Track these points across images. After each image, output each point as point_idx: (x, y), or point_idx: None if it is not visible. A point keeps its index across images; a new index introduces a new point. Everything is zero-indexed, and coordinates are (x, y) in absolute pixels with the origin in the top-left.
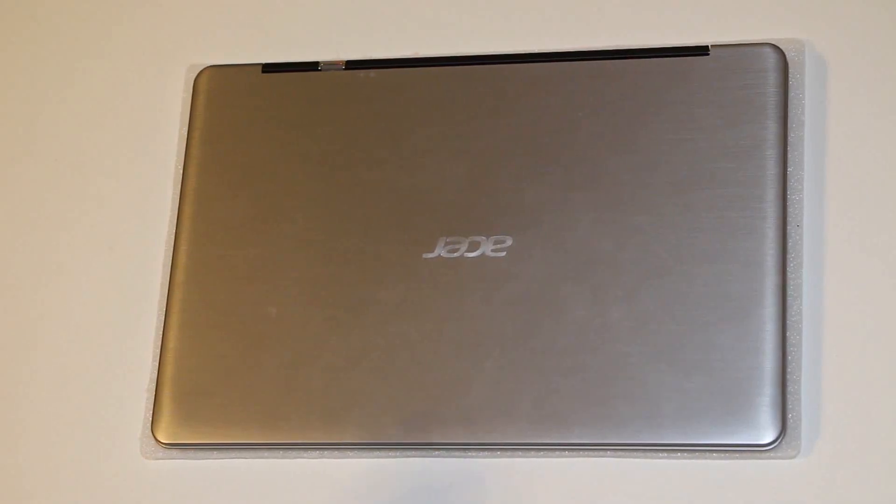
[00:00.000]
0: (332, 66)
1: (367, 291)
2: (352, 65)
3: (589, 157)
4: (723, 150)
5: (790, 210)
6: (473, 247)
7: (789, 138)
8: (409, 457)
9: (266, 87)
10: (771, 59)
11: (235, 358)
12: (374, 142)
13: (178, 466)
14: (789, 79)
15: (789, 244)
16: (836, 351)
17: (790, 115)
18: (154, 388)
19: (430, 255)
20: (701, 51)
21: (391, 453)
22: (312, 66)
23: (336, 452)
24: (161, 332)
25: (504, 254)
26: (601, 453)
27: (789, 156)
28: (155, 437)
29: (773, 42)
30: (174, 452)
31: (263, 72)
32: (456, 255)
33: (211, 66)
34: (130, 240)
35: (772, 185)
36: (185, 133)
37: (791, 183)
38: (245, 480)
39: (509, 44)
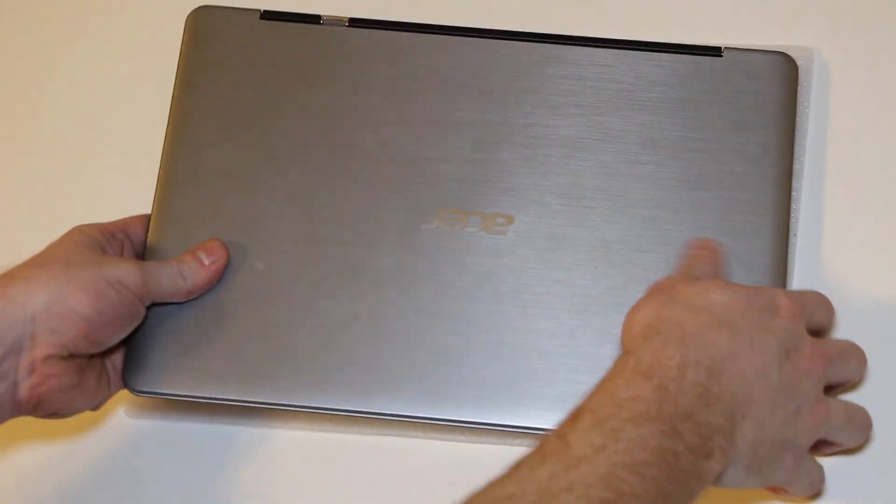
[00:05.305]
0: (334, 21)
1: (360, 255)
2: (355, 22)
3: (594, 142)
4: (730, 153)
5: (793, 217)
6: (473, 222)
7: (795, 146)
8: (396, 434)
9: (263, 35)
10: (782, 66)
11: (218, 310)
12: (376, 104)
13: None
14: (798, 87)
15: (791, 251)
16: None
17: (797, 122)
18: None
19: (429, 227)
20: (714, 52)
21: (376, 427)
22: (314, 19)
23: (315, 423)
24: None
25: (504, 235)
26: None
27: (795, 163)
28: (128, 384)
29: (783, 49)
30: (155, 413)
31: (262, 18)
32: (455, 229)
33: (205, 7)
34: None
35: (776, 191)
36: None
37: (795, 190)
38: (226, 444)
39: (524, 21)
